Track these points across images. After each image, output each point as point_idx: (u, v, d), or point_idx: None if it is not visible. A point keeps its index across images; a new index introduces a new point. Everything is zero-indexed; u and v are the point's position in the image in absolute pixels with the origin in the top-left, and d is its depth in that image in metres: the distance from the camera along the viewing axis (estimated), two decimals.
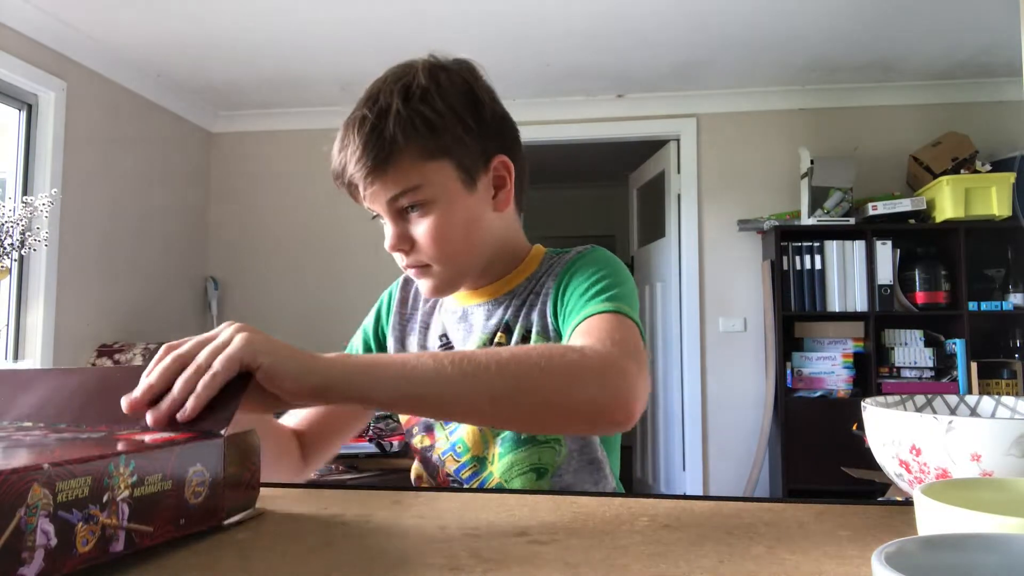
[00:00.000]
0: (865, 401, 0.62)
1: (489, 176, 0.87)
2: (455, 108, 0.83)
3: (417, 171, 0.81)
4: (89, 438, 0.53)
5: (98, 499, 0.43)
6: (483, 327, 0.93)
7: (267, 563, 0.48)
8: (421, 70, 0.84)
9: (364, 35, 3.03)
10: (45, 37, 2.87)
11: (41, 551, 0.39)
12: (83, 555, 0.42)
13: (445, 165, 0.83)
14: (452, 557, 0.48)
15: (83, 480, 0.43)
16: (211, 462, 0.54)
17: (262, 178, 4.06)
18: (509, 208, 0.91)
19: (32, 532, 0.39)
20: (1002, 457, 0.51)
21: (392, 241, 0.85)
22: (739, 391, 3.67)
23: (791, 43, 3.15)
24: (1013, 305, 3.26)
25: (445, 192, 0.83)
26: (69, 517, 0.41)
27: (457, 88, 0.84)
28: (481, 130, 0.85)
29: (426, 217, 0.83)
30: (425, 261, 0.85)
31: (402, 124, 0.80)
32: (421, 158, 0.81)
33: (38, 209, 1.97)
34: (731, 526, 0.55)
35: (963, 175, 3.22)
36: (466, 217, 0.85)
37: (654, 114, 3.81)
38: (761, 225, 3.55)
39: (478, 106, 0.86)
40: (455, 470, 0.92)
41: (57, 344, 2.94)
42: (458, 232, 0.85)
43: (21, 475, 0.39)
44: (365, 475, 2.39)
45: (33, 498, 0.39)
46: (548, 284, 0.90)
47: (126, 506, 0.45)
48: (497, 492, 0.80)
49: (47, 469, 0.40)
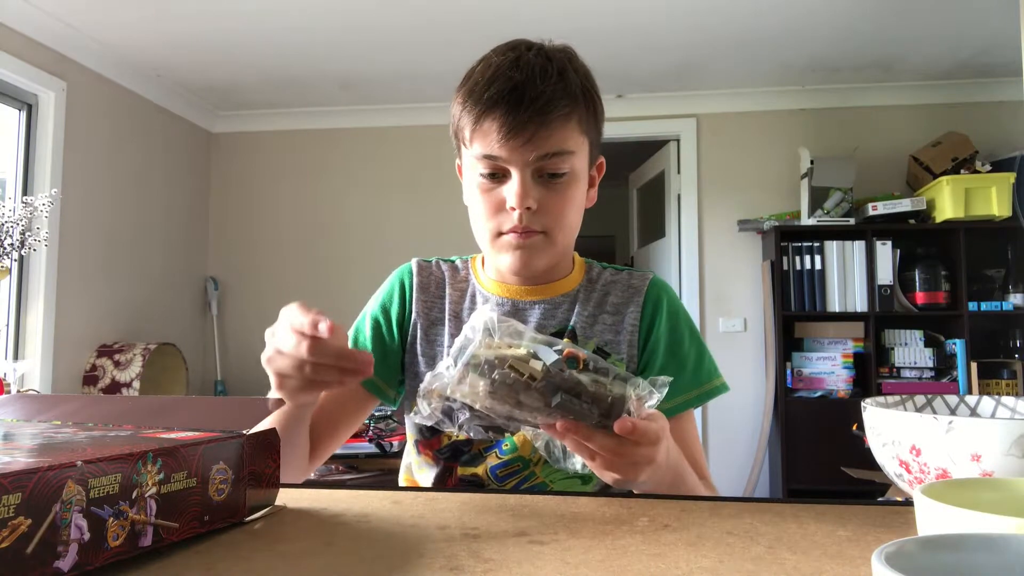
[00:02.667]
0: (865, 401, 0.62)
1: (593, 171, 0.91)
2: (599, 95, 0.87)
3: (575, 139, 0.83)
4: (117, 436, 0.54)
5: (127, 495, 0.45)
6: (540, 326, 0.91)
7: (267, 563, 0.48)
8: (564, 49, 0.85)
9: (364, 35, 3.03)
10: (45, 37, 2.87)
11: (75, 545, 0.41)
12: (114, 549, 0.44)
13: (587, 144, 0.86)
14: (452, 557, 0.48)
15: (114, 477, 0.44)
16: (233, 460, 0.55)
17: (262, 178, 4.06)
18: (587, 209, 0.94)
19: (67, 527, 0.40)
20: (1002, 457, 0.51)
21: (520, 195, 0.80)
22: (739, 391, 3.67)
23: (791, 43, 3.15)
24: (1013, 305, 3.26)
25: (582, 169, 0.86)
26: (101, 513, 0.43)
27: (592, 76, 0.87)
28: (600, 126, 0.89)
29: (565, 186, 0.83)
30: (547, 228, 0.84)
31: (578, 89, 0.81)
32: (580, 128, 0.83)
33: (38, 209, 1.97)
34: (731, 526, 0.55)
35: (963, 175, 3.22)
36: (581, 200, 0.88)
37: (654, 114, 3.81)
38: (761, 225, 3.55)
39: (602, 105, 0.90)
40: (492, 467, 0.90)
41: (57, 344, 2.94)
42: (576, 211, 0.87)
43: (57, 472, 0.40)
44: (365, 475, 2.39)
45: (68, 494, 0.41)
46: (628, 311, 0.92)
47: (153, 502, 0.47)
48: (497, 492, 0.80)
49: (81, 466, 0.42)
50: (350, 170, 3.93)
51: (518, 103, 0.77)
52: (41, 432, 0.56)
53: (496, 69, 0.79)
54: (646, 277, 0.95)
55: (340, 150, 3.95)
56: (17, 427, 0.60)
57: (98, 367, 3.08)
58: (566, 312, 0.91)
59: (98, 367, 3.08)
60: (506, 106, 0.77)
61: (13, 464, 0.40)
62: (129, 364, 3.05)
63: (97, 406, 0.69)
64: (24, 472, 0.38)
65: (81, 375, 3.08)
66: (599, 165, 0.93)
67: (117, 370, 3.05)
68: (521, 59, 0.80)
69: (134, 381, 3.00)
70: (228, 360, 3.98)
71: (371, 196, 3.90)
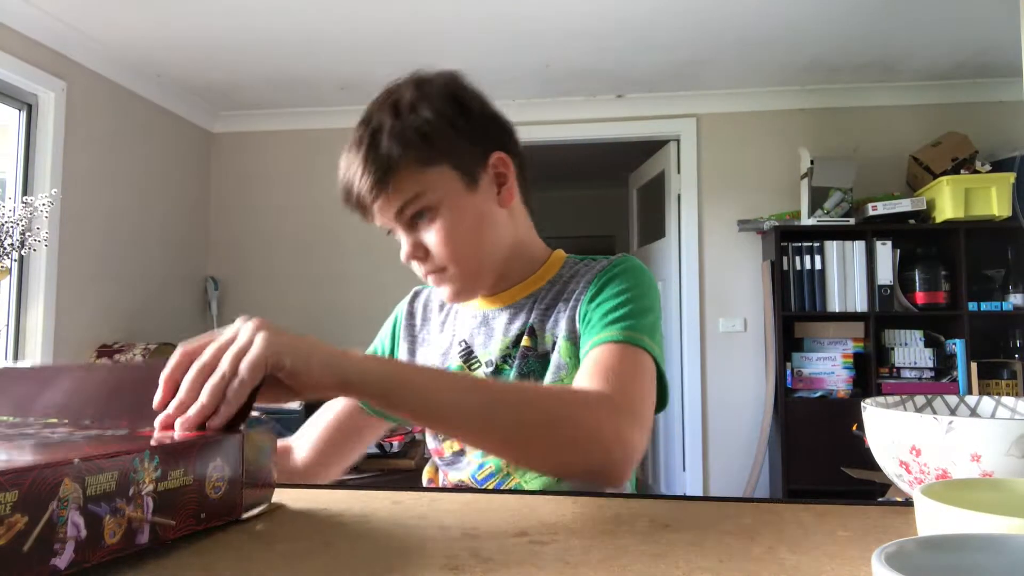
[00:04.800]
0: (865, 401, 0.62)
1: (489, 174, 0.89)
2: (444, 113, 0.85)
3: (417, 179, 0.84)
4: (113, 435, 0.54)
5: (124, 493, 0.45)
6: (505, 331, 0.93)
7: (267, 563, 0.48)
8: (405, 86, 0.88)
9: (364, 36, 3.03)
10: (45, 37, 2.87)
11: (72, 543, 0.41)
12: (110, 547, 0.44)
13: (444, 169, 0.85)
14: (452, 557, 0.48)
15: (110, 475, 0.44)
16: (230, 458, 0.55)
17: (262, 178, 4.06)
18: (516, 204, 0.93)
19: (63, 524, 0.40)
20: (1002, 457, 0.51)
21: (407, 251, 0.88)
22: (739, 391, 3.67)
23: (791, 43, 3.15)
24: (1013, 305, 3.26)
25: (449, 195, 0.85)
26: (98, 510, 0.43)
27: (442, 95, 0.87)
28: (473, 130, 0.88)
29: (435, 222, 0.85)
30: (441, 265, 0.87)
31: (396, 138, 0.83)
32: (419, 166, 0.84)
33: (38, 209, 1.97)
34: (731, 526, 0.55)
35: (963, 175, 3.22)
36: (474, 216, 0.87)
37: (654, 114, 3.81)
38: (761, 225, 3.55)
39: (466, 108, 0.89)
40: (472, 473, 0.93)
41: (57, 344, 2.94)
42: (468, 231, 0.87)
43: (53, 469, 0.40)
44: (365, 475, 2.39)
45: (64, 491, 0.41)
46: (578, 291, 0.90)
47: (150, 500, 0.47)
48: (497, 492, 0.80)
49: (77, 464, 0.42)
50: None
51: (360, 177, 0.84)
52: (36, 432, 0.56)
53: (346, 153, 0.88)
54: (614, 259, 0.93)
55: (340, 150, 3.94)
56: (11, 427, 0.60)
57: None
58: (528, 313, 0.93)
59: None
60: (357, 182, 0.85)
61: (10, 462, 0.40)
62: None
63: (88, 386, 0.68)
64: (21, 470, 0.38)
65: None
66: (495, 162, 0.89)
67: None
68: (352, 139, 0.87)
69: None
70: None
71: None
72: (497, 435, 0.68)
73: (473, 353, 0.94)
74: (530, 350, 0.90)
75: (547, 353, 0.90)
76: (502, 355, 0.92)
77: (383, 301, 1.17)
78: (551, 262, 0.96)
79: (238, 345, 0.58)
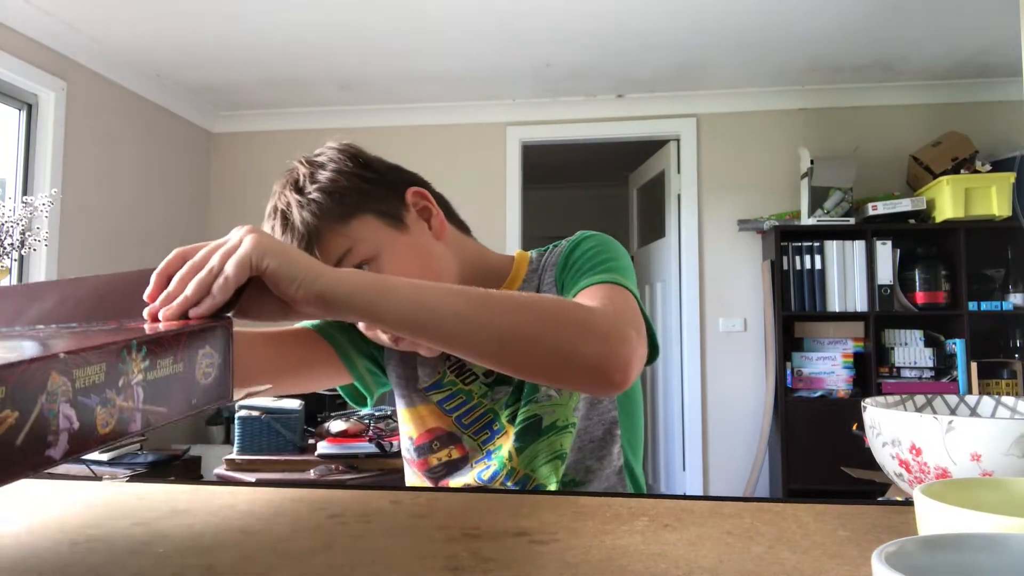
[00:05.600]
0: (865, 401, 0.62)
1: (412, 211, 0.87)
2: (346, 170, 0.84)
3: (342, 237, 0.82)
4: (100, 331, 0.55)
5: (114, 384, 0.45)
6: None
7: (267, 563, 0.48)
8: (299, 163, 0.87)
9: (364, 35, 3.03)
10: (45, 37, 2.87)
11: (65, 434, 0.41)
12: (104, 436, 0.44)
13: (366, 218, 0.83)
14: (452, 557, 0.48)
15: (98, 367, 0.44)
16: (219, 344, 0.55)
17: (262, 178, 4.04)
18: (451, 232, 0.91)
19: (55, 417, 0.41)
20: (1002, 457, 0.51)
21: None
22: (739, 391, 3.67)
23: (791, 43, 3.15)
24: (1013, 305, 3.26)
25: (380, 242, 0.83)
26: (88, 402, 0.43)
27: (339, 158, 0.86)
28: (381, 177, 0.87)
29: (378, 272, 0.82)
30: None
31: (305, 207, 0.82)
32: (339, 224, 0.82)
33: (38, 209, 1.97)
34: (731, 526, 0.55)
35: (963, 175, 3.22)
36: (413, 255, 0.85)
37: (654, 114, 3.81)
38: (761, 225, 3.55)
39: (365, 160, 0.87)
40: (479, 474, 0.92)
41: None
42: (413, 272, 0.80)
43: (41, 363, 0.40)
44: (365, 475, 2.39)
45: (53, 385, 0.41)
46: (549, 278, 0.90)
47: (140, 389, 0.47)
48: (497, 492, 0.80)
49: (64, 357, 0.42)
50: None
51: None
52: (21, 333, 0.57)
53: None
54: (572, 238, 0.92)
55: None
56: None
57: None
58: None
59: None
60: None
61: None
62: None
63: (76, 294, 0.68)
64: (5, 366, 0.39)
65: None
66: (413, 199, 0.88)
67: None
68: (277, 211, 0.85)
69: None
70: None
71: None
72: (493, 336, 0.65)
73: (466, 366, 0.93)
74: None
75: None
76: None
77: None
78: (517, 265, 0.95)
79: (228, 244, 0.61)
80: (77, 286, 0.68)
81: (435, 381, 0.94)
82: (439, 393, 0.93)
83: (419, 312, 0.63)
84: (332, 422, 2.51)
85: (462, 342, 0.66)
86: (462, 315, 0.64)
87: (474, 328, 0.64)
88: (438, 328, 0.64)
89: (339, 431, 2.46)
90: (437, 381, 0.94)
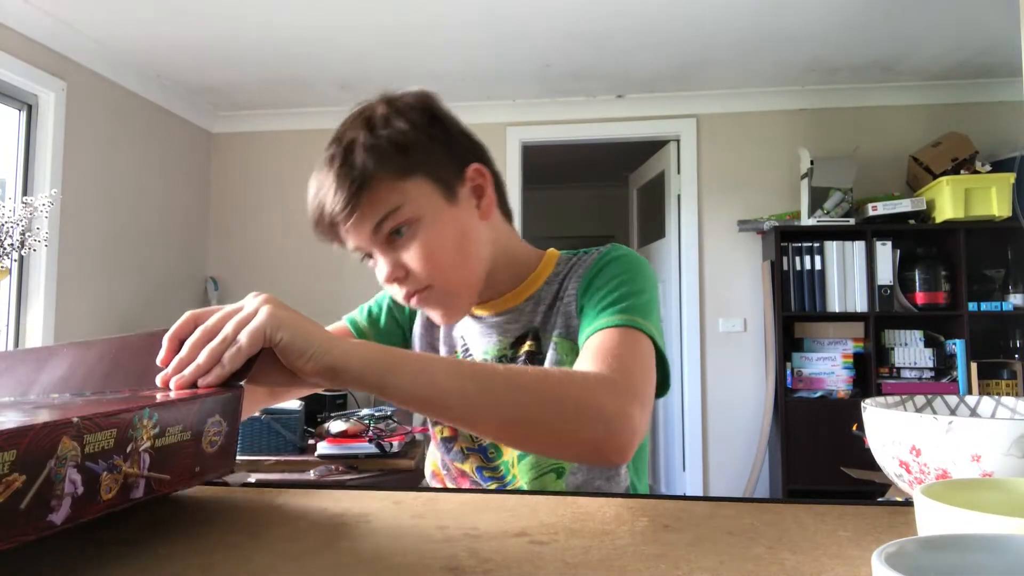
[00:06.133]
0: (865, 401, 0.62)
1: (467, 186, 0.86)
2: (418, 125, 0.83)
3: (395, 192, 0.80)
4: (114, 398, 0.55)
5: (122, 450, 0.45)
6: (503, 331, 0.92)
7: (267, 563, 0.48)
8: (377, 103, 0.85)
9: (364, 35, 3.03)
10: (45, 37, 2.87)
11: (69, 499, 0.41)
12: (106, 502, 0.44)
13: (421, 181, 0.82)
14: (452, 557, 0.48)
15: (109, 432, 0.44)
16: (228, 412, 0.56)
17: (262, 178, 4.06)
18: (495, 216, 0.91)
19: (61, 482, 0.41)
20: (1002, 457, 0.51)
21: (387, 273, 0.83)
22: (739, 391, 3.67)
23: (791, 43, 3.15)
24: (1013, 305, 3.26)
25: (428, 207, 0.82)
26: (95, 467, 0.43)
27: (416, 109, 0.85)
28: (449, 142, 0.86)
29: (415, 238, 0.81)
30: (423, 283, 0.83)
31: (369, 151, 0.80)
32: (396, 178, 0.81)
33: (38, 209, 1.97)
34: (731, 526, 0.55)
35: (963, 175, 3.22)
36: (455, 230, 0.84)
37: (654, 114, 3.81)
38: (761, 225, 3.55)
39: (441, 121, 0.86)
40: (477, 468, 0.92)
41: None
42: (449, 246, 0.83)
43: (52, 428, 0.41)
44: (365, 475, 2.39)
45: (63, 450, 0.41)
46: (572, 287, 0.89)
47: (147, 456, 0.47)
48: (497, 492, 0.80)
49: (76, 422, 0.42)
50: None
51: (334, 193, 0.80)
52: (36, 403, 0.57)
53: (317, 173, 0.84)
54: (603, 250, 0.91)
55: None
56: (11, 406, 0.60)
57: None
58: (529, 315, 0.91)
59: None
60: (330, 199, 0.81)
61: (7, 423, 0.40)
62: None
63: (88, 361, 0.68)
64: (19, 430, 0.39)
65: None
66: (473, 175, 0.87)
67: None
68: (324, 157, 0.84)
69: None
70: None
71: None
72: (495, 418, 0.67)
73: (469, 352, 0.95)
74: (536, 353, 0.89)
75: (547, 352, 0.89)
76: (498, 355, 0.91)
77: None
78: (545, 263, 0.95)
79: (243, 314, 0.61)
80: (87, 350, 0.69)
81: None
82: None
83: (426, 390, 0.65)
84: (332, 422, 2.51)
85: (465, 422, 0.69)
86: (466, 395, 0.65)
87: (477, 410, 0.66)
88: (444, 406, 0.66)
89: (339, 431, 2.46)
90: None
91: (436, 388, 0.65)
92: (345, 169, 0.80)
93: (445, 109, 0.88)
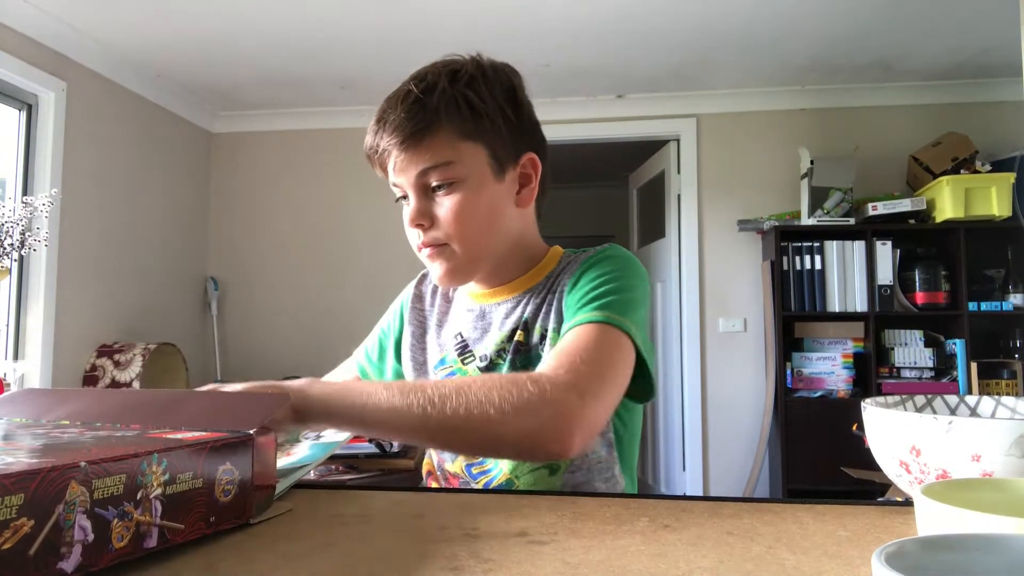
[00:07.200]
0: (865, 401, 0.62)
1: (516, 171, 0.90)
2: (498, 99, 0.86)
3: (452, 148, 0.84)
4: (124, 436, 0.54)
5: (132, 496, 0.45)
6: (501, 324, 0.93)
7: (267, 563, 0.48)
8: (470, 61, 0.89)
9: (364, 35, 3.03)
10: (45, 37, 2.87)
11: (79, 546, 0.41)
12: (119, 550, 0.43)
13: (479, 149, 0.85)
14: (452, 557, 0.48)
15: (118, 478, 0.44)
16: (241, 462, 0.55)
17: (262, 178, 4.06)
18: (530, 207, 0.93)
19: (70, 528, 0.40)
20: (1002, 457, 0.51)
21: (413, 215, 0.86)
22: (739, 391, 3.67)
23: (791, 43, 3.15)
24: (1013, 305, 3.26)
25: (475, 174, 0.85)
26: (105, 514, 0.43)
27: (502, 83, 0.88)
28: (518, 125, 0.89)
29: (452, 195, 0.85)
30: (443, 239, 0.87)
31: (446, 101, 0.83)
32: (458, 136, 0.84)
33: (38, 209, 1.97)
34: (731, 526, 0.55)
35: (963, 175, 3.22)
36: (490, 203, 0.87)
37: (654, 114, 3.81)
38: (761, 225, 3.55)
39: (518, 104, 0.89)
40: (467, 466, 0.92)
41: (57, 344, 2.94)
42: (481, 215, 0.86)
43: (59, 473, 0.40)
44: (365, 475, 2.39)
45: (71, 495, 0.40)
46: (564, 282, 0.91)
47: (159, 503, 0.47)
48: (497, 492, 0.80)
49: (84, 467, 0.42)
50: (350, 170, 3.93)
51: (398, 126, 0.84)
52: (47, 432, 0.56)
53: (388, 101, 0.87)
54: (597, 248, 0.93)
55: (340, 150, 3.95)
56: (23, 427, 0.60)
57: (98, 367, 3.08)
58: (524, 307, 0.93)
59: (98, 367, 3.08)
60: (391, 130, 0.84)
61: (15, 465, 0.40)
62: (129, 364, 3.05)
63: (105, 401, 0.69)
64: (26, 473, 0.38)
65: (81, 375, 3.08)
66: (526, 163, 0.90)
67: (117, 370, 3.05)
68: (400, 90, 0.86)
69: (134, 381, 3.01)
70: (228, 360, 3.98)
71: (371, 196, 3.89)
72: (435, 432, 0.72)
73: (468, 347, 0.95)
74: (523, 344, 0.90)
75: (537, 346, 0.90)
76: (497, 349, 0.92)
77: (383, 301, 1.17)
78: (548, 258, 0.97)
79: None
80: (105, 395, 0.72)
81: (441, 358, 0.97)
82: (443, 369, 0.96)
83: (370, 417, 0.72)
84: None
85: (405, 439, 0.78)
86: (399, 416, 0.71)
87: (410, 427, 0.72)
88: (386, 428, 0.73)
89: None
90: (442, 359, 0.97)
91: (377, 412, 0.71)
92: (417, 107, 0.83)
93: (525, 93, 0.92)
